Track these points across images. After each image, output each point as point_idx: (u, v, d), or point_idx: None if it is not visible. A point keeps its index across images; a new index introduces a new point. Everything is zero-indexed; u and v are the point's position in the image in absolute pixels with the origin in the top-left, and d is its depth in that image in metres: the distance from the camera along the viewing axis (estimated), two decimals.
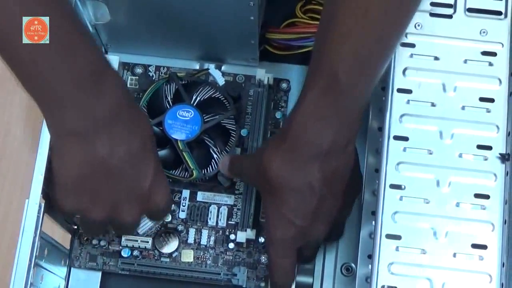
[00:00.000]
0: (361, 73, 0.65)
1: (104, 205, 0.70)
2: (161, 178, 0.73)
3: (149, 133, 0.71)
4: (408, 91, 0.69)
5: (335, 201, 0.72)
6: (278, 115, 0.85)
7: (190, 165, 0.80)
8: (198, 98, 0.82)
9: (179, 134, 0.80)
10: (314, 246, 0.76)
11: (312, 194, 0.70)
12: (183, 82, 0.83)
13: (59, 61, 0.63)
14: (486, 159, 0.68)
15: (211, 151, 0.81)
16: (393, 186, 0.67)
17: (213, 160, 0.81)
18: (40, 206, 0.68)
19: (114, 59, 0.82)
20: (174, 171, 0.81)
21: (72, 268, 0.82)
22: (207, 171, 0.81)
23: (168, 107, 0.81)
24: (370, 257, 0.73)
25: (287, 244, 0.73)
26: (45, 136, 0.70)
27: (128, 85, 0.85)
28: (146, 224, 0.81)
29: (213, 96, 0.83)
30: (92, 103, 0.65)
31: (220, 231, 0.82)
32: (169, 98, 0.82)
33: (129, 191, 0.70)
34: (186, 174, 0.80)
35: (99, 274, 0.82)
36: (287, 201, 0.70)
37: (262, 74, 0.83)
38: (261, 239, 0.81)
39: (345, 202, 0.73)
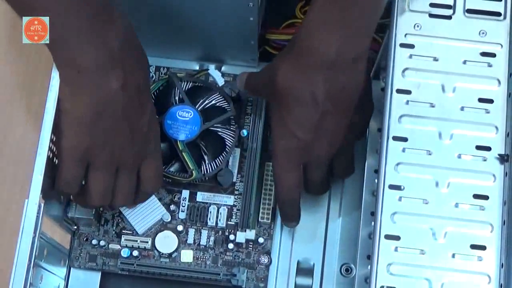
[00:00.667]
0: None
1: (114, 145, 0.70)
2: (155, 115, 0.75)
3: (148, 66, 0.73)
4: (407, 92, 0.69)
5: (340, 120, 0.72)
6: None
7: (190, 165, 0.80)
8: (204, 103, 0.82)
9: (178, 135, 0.80)
10: (318, 165, 0.75)
11: (315, 106, 0.70)
12: (192, 85, 0.83)
13: None
14: (485, 160, 0.68)
15: (203, 157, 0.81)
16: (392, 187, 0.67)
17: (212, 162, 0.81)
18: (39, 206, 0.68)
19: None
20: (167, 166, 0.81)
21: (71, 268, 0.82)
22: (207, 171, 0.81)
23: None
24: (369, 257, 0.73)
25: (290, 156, 0.74)
26: (45, 136, 0.70)
27: None
28: (145, 224, 0.82)
29: (217, 105, 0.83)
30: (105, 37, 0.66)
31: (220, 232, 0.82)
32: (176, 99, 0.82)
33: (132, 127, 0.71)
34: (186, 174, 0.80)
35: (99, 274, 0.82)
36: (290, 112, 0.71)
37: None
38: (261, 240, 0.81)
39: (353, 125, 0.73)
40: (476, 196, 0.67)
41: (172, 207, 0.83)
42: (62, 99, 0.69)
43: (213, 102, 0.83)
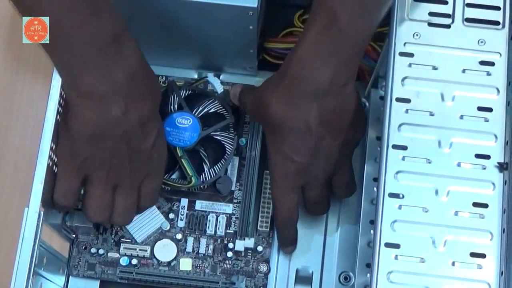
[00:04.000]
0: (361, 14, 0.67)
1: (111, 163, 0.72)
2: (162, 136, 0.76)
3: (159, 95, 0.74)
4: (407, 100, 0.70)
5: (334, 141, 0.73)
6: None
7: (189, 172, 0.80)
8: (203, 110, 0.82)
9: (177, 141, 0.80)
10: (317, 185, 0.77)
11: (309, 132, 0.72)
12: (191, 92, 0.83)
13: (84, 22, 0.65)
14: (484, 168, 0.68)
15: (203, 164, 0.81)
16: (392, 195, 0.67)
17: (210, 170, 0.81)
18: (39, 215, 0.68)
19: None
20: (167, 175, 0.81)
21: (70, 277, 0.82)
22: (205, 178, 0.81)
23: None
24: (368, 265, 0.74)
25: (289, 180, 0.75)
26: (45, 145, 0.70)
27: None
28: (144, 232, 0.81)
29: (216, 112, 0.83)
30: (112, 66, 0.67)
31: (219, 240, 0.82)
32: (174, 106, 0.82)
33: (134, 150, 0.72)
34: (185, 181, 0.80)
35: (98, 282, 0.82)
36: (286, 139, 0.73)
37: (261, 83, 0.83)
38: (260, 248, 0.81)
39: (347, 142, 0.75)
40: (476, 204, 0.67)
41: (171, 215, 0.83)
42: (64, 112, 0.70)
43: (212, 109, 0.83)
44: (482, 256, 0.66)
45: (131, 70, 0.69)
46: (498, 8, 0.72)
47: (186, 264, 0.81)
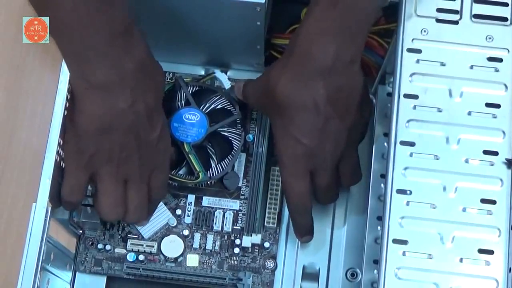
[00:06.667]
0: None
1: (120, 157, 0.71)
2: (167, 129, 0.76)
3: (163, 87, 0.75)
4: (415, 97, 0.70)
5: (343, 122, 0.73)
6: None
7: (197, 167, 0.80)
8: (210, 106, 0.82)
9: (185, 137, 0.81)
10: (325, 169, 0.76)
11: (317, 112, 0.71)
12: (198, 88, 0.83)
13: (98, 10, 0.65)
14: (492, 165, 0.68)
15: (211, 160, 0.81)
16: (399, 191, 0.67)
17: (217, 166, 0.81)
18: (47, 210, 0.68)
19: None
20: (174, 171, 0.81)
21: (77, 273, 0.82)
22: (213, 174, 0.81)
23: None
24: (376, 262, 0.74)
25: (298, 163, 0.74)
26: (53, 140, 0.70)
27: None
28: (151, 228, 0.82)
29: (223, 108, 0.83)
30: (121, 57, 0.67)
31: (226, 236, 0.82)
32: (182, 102, 0.82)
33: (140, 143, 0.72)
34: (192, 177, 0.80)
35: (104, 278, 0.82)
36: (293, 120, 0.72)
37: None
38: (267, 244, 0.81)
39: (355, 125, 0.75)
40: (484, 201, 0.67)
41: (178, 211, 0.83)
42: (71, 108, 0.70)
43: (219, 105, 0.83)
44: (490, 252, 0.66)
45: (139, 61, 0.69)
46: (506, 4, 0.72)
47: (193, 260, 0.81)
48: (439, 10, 0.72)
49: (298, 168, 0.75)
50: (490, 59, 0.70)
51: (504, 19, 0.72)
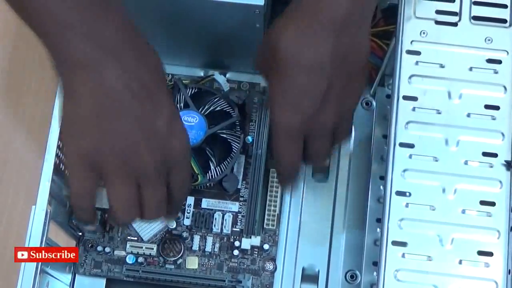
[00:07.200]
0: None
1: (124, 149, 0.63)
2: (177, 119, 0.66)
3: (159, 65, 0.66)
4: (414, 98, 0.70)
5: (346, 87, 0.68)
6: None
7: (196, 169, 0.80)
8: (209, 108, 0.82)
9: None
10: (322, 135, 0.70)
11: (320, 72, 0.65)
12: (197, 90, 0.83)
13: None
14: (491, 166, 0.68)
15: (210, 162, 0.82)
16: (399, 193, 0.67)
17: (216, 168, 0.81)
18: (46, 213, 0.68)
19: None
20: None
21: (77, 275, 0.82)
22: (212, 176, 0.81)
23: None
24: (375, 264, 0.74)
25: (292, 133, 0.68)
26: (52, 142, 0.70)
27: None
28: (151, 230, 0.82)
29: (222, 110, 0.83)
30: (99, 29, 0.61)
31: (225, 238, 0.82)
32: (180, 104, 0.82)
33: (145, 130, 0.63)
34: (191, 179, 0.80)
35: (104, 280, 0.82)
36: (295, 81, 0.66)
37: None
38: (266, 246, 0.81)
39: (353, 89, 0.70)
40: (483, 203, 0.67)
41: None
42: (63, 103, 0.64)
43: (218, 107, 0.83)
44: (490, 254, 0.66)
45: (120, 33, 0.62)
46: (505, 6, 0.72)
47: (192, 262, 0.82)
48: (438, 12, 0.72)
49: (292, 138, 0.69)
50: (489, 61, 0.71)
51: (503, 21, 0.72)
